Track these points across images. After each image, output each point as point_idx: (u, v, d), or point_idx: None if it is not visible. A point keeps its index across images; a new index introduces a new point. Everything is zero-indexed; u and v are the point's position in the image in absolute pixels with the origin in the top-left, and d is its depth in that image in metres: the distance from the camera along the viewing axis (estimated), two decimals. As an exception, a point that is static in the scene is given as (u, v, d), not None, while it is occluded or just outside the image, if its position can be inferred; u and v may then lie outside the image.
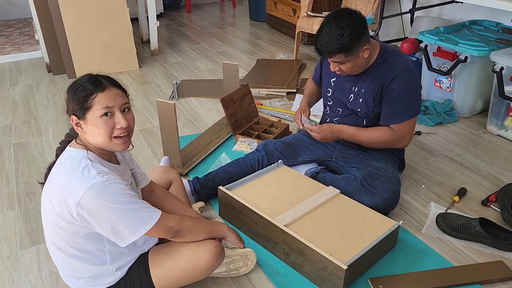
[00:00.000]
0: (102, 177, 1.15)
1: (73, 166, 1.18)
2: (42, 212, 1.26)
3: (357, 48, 1.61)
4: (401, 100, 1.70)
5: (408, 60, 1.78)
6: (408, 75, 1.70)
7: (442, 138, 2.47)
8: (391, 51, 1.75)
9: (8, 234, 1.79)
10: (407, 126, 1.75)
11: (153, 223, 1.20)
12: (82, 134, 1.22)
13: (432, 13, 3.37)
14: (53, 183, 1.20)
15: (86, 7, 3.25)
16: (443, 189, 2.01)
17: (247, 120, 2.48)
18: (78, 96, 1.18)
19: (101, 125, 1.18)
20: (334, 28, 1.58)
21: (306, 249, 1.47)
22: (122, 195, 1.16)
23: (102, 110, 1.17)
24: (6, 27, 4.86)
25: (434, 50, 2.69)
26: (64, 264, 1.28)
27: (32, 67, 3.69)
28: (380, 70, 1.72)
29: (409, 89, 1.71)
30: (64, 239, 1.22)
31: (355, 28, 1.57)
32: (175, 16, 5.44)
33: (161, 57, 3.91)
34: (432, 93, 2.84)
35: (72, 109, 1.19)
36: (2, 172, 2.22)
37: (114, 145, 1.22)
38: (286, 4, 4.30)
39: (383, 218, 1.64)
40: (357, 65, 1.68)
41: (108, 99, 1.18)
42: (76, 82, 1.21)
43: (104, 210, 1.14)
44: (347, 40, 1.57)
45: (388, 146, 1.81)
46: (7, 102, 3.02)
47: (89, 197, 1.12)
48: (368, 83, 1.75)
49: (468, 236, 1.68)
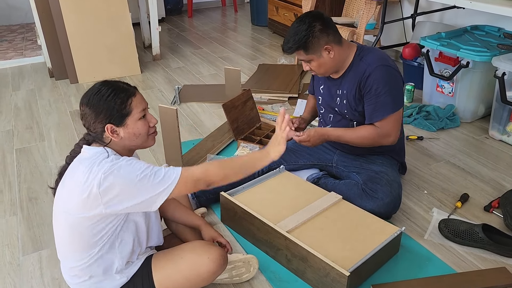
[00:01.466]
0: (122, 160, 1.19)
1: (93, 158, 1.19)
2: (55, 213, 1.25)
3: (317, 46, 1.64)
4: (379, 95, 1.69)
5: (384, 55, 1.75)
6: (383, 69, 1.69)
7: (444, 143, 2.47)
8: (367, 49, 1.76)
9: (11, 240, 1.79)
10: (390, 121, 1.71)
11: (177, 179, 1.19)
12: (118, 140, 1.23)
13: (434, 18, 3.37)
14: (73, 180, 1.20)
15: (88, 12, 3.27)
16: (446, 194, 2.01)
17: (249, 125, 2.49)
18: (113, 104, 1.20)
19: (142, 127, 1.25)
20: (295, 26, 1.65)
21: (309, 256, 1.47)
22: (137, 165, 1.18)
23: (141, 113, 1.25)
24: (8, 32, 4.88)
25: (436, 55, 2.69)
26: (71, 266, 1.28)
27: (34, 72, 3.71)
28: (356, 68, 1.74)
29: (386, 82, 1.68)
30: (79, 239, 1.22)
31: (313, 26, 1.61)
32: (176, 21, 5.46)
33: (163, 62, 3.93)
34: (434, 98, 2.84)
35: (106, 118, 1.20)
36: (4, 178, 2.22)
37: (149, 142, 1.30)
38: (288, 9, 4.32)
39: (385, 224, 1.64)
40: (324, 64, 1.70)
41: (141, 102, 1.26)
42: (97, 94, 1.21)
43: (126, 182, 1.15)
44: (303, 36, 1.61)
45: (375, 144, 1.77)
46: (9, 108, 3.03)
47: (107, 177, 1.14)
48: (348, 83, 1.77)
49: (471, 242, 1.68)
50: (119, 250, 1.28)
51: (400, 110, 1.74)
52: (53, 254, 1.69)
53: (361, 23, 3.29)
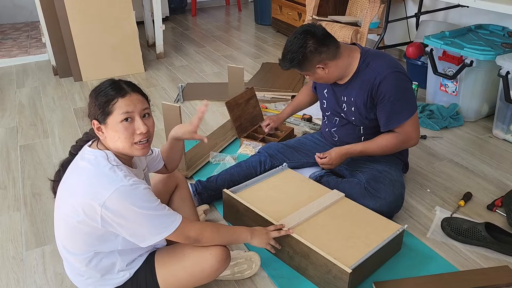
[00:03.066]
0: (129, 181, 1.16)
1: (97, 167, 1.19)
2: (56, 212, 1.26)
3: (309, 66, 1.66)
4: (394, 102, 1.68)
5: (391, 60, 1.74)
6: (394, 76, 1.67)
7: (448, 142, 2.46)
8: (372, 54, 1.74)
9: (14, 235, 1.80)
10: (410, 125, 1.73)
11: (173, 229, 1.22)
12: (103, 138, 1.23)
13: (438, 17, 3.36)
14: (74, 184, 1.20)
15: (92, 10, 3.28)
16: (449, 193, 2.00)
17: (252, 123, 2.49)
18: (100, 101, 1.19)
19: (121, 130, 1.19)
20: (287, 45, 1.66)
21: (311, 252, 1.47)
22: (147, 200, 1.18)
23: (122, 115, 1.19)
24: (13, 30, 4.91)
25: (440, 54, 2.69)
26: (73, 263, 1.28)
27: (38, 70, 3.72)
28: (364, 75, 1.71)
29: (399, 89, 1.68)
30: (78, 239, 1.22)
31: (306, 47, 1.61)
32: (180, 19, 5.47)
33: (166, 60, 3.93)
34: (437, 97, 2.83)
35: (93, 114, 1.21)
36: (9, 174, 2.23)
37: (134, 151, 1.23)
38: (292, 8, 4.32)
39: (388, 222, 1.64)
40: (321, 78, 1.72)
41: (128, 104, 1.20)
42: (98, 87, 1.23)
43: (129, 213, 1.15)
44: (295, 57, 1.63)
45: (398, 149, 1.80)
46: (14, 105, 3.05)
47: (115, 199, 1.13)
48: (356, 91, 1.74)
49: (474, 241, 1.68)
50: (119, 252, 1.28)
51: (416, 112, 1.75)
52: (56, 250, 1.69)
53: (365, 22, 3.29)
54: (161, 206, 1.22)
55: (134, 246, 1.29)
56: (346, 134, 1.89)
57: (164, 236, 1.22)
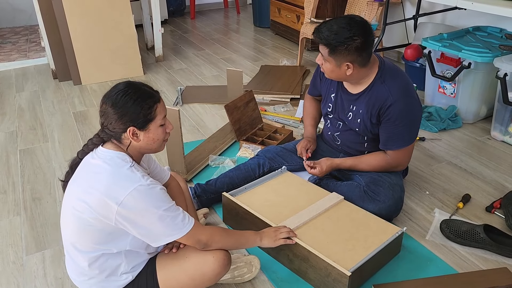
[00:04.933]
0: (147, 180, 1.20)
1: (115, 166, 1.21)
2: (65, 209, 1.26)
3: (342, 58, 1.60)
4: (398, 126, 1.69)
5: (407, 82, 1.72)
6: (407, 101, 1.67)
7: (446, 144, 2.47)
8: (390, 71, 1.71)
9: (14, 240, 1.80)
10: (403, 153, 1.76)
11: (186, 232, 1.24)
12: (136, 142, 1.25)
13: (436, 19, 3.38)
14: (89, 182, 1.21)
15: (91, 14, 3.29)
16: (447, 195, 2.01)
17: (251, 126, 2.50)
18: (140, 108, 1.21)
19: (161, 133, 1.28)
20: (340, 24, 1.56)
21: (310, 256, 1.47)
22: (162, 200, 1.21)
23: (163, 120, 1.27)
24: (12, 34, 4.91)
25: (438, 56, 2.70)
26: (79, 262, 1.28)
27: (38, 74, 3.73)
28: (377, 92, 1.69)
29: (406, 116, 1.68)
30: (88, 236, 1.23)
31: (353, 40, 1.55)
32: (179, 22, 5.48)
33: (165, 63, 3.94)
34: (436, 99, 2.84)
35: (131, 121, 1.21)
36: (8, 178, 2.24)
37: (162, 147, 1.33)
38: (290, 10, 4.33)
39: (387, 225, 1.64)
40: (336, 73, 1.67)
41: (164, 108, 1.28)
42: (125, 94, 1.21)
43: (145, 212, 1.18)
44: (338, 41, 1.55)
45: (386, 171, 1.82)
46: (13, 109, 3.05)
47: (133, 198, 1.16)
48: (365, 104, 1.74)
49: (473, 243, 1.68)
50: (125, 254, 1.29)
51: (414, 142, 1.77)
52: (56, 254, 1.70)
53: (363, 25, 3.30)
54: (175, 207, 1.24)
55: (141, 248, 1.30)
56: (349, 139, 1.89)
57: (177, 238, 1.24)
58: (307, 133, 2.04)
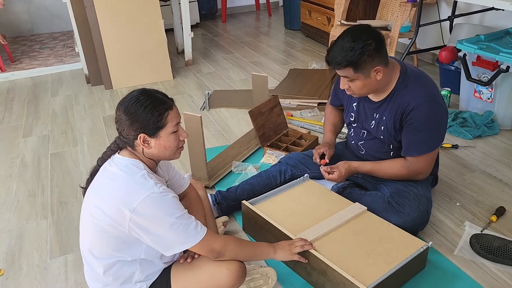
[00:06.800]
0: (159, 188, 1.20)
1: (130, 174, 1.22)
2: (83, 215, 1.28)
3: (368, 66, 1.52)
4: (420, 132, 1.60)
5: (432, 86, 1.64)
6: (430, 106, 1.58)
7: (481, 152, 2.34)
8: (413, 75, 1.63)
9: (40, 243, 1.85)
10: (424, 160, 1.67)
11: (198, 239, 1.23)
12: (147, 149, 1.26)
13: (473, 20, 3.22)
14: (104, 189, 1.23)
15: (123, 20, 3.36)
16: (480, 207, 1.90)
17: (275, 132, 2.46)
18: (150, 115, 1.21)
19: (173, 141, 1.26)
20: (348, 40, 1.51)
21: (328, 269, 1.43)
22: (175, 208, 1.21)
23: (175, 127, 1.26)
24: (51, 39, 5.10)
25: (474, 60, 2.57)
26: (95, 268, 1.30)
27: (72, 79, 3.85)
28: (400, 97, 1.62)
29: (429, 121, 1.59)
30: (104, 242, 1.24)
31: (369, 44, 1.50)
32: (210, 25, 5.52)
33: (194, 67, 3.97)
34: (471, 104, 2.71)
35: (141, 128, 1.22)
36: (38, 182, 2.31)
37: (176, 155, 1.31)
38: (321, 12, 4.26)
39: (411, 238, 1.57)
40: (368, 85, 1.58)
41: (176, 116, 1.27)
42: (137, 101, 1.22)
43: (157, 219, 1.18)
44: (357, 54, 1.49)
45: (405, 179, 1.73)
46: (47, 113, 3.15)
47: (145, 204, 1.17)
48: (388, 111, 1.67)
49: (505, 260, 1.58)
50: (139, 263, 1.29)
51: (437, 149, 1.68)
52: (78, 259, 1.73)
53: (395, 26, 3.20)
54: (188, 215, 1.24)
55: (156, 257, 1.30)
56: (374, 148, 1.82)
57: (189, 246, 1.23)
58: (325, 138, 1.97)
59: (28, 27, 5.36)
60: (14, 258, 1.77)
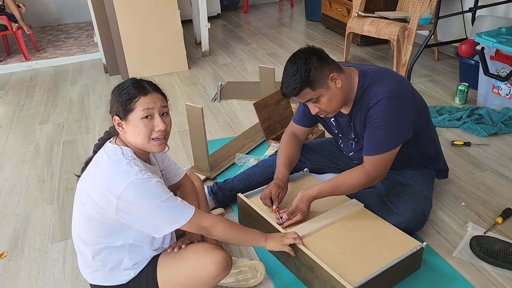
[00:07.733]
0: (144, 175, 1.22)
1: (115, 161, 1.24)
2: (75, 203, 1.32)
3: (322, 78, 1.47)
4: (377, 130, 1.51)
5: (392, 81, 1.53)
6: (387, 102, 1.48)
7: (495, 150, 2.24)
8: (371, 77, 1.54)
9: (43, 228, 1.91)
10: (380, 161, 1.52)
11: (187, 219, 1.25)
12: (123, 133, 1.28)
13: (498, 12, 3.08)
14: (93, 176, 1.26)
15: (140, 11, 3.39)
16: (486, 208, 1.83)
17: (281, 124, 2.44)
18: (122, 98, 1.24)
19: (141, 127, 1.25)
20: (290, 67, 1.48)
21: (315, 266, 1.40)
22: (159, 192, 1.22)
23: (143, 112, 1.24)
24: (76, 29, 5.22)
25: (492, 54, 2.46)
26: (85, 254, 1.33)
27: (92, 68, 3.93)
28: (362, 101, 1.55)
29: (387, 117, 1.49)
30: (93, 229, 1.27)
31: (310, 60, 1.46)
32: (232, 16, 5.50)
33: (211, 58, 3.98)
34: (489, 100, 2.60)
35: (115, 110, 1.26)
36: (49, 168, 2.38)
37: (151, 146, 1.29)
38: (341, 3, 4.17)
39: (406, 238, 1.52)
40: (334, 97, 1.50)
41: (149, 102, 1.26)
42: (121, 85, 1.29)
43: (143, 204, 1.20)
44: (304, 72, 1.44)
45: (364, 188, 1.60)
46: (65, 101, 3.24)
47: (130, 191, 1.19)
48: (359, 117, 1.59)
49: (506, 264, 1.51)
50: (128, 249, 1.32)
51: (397, 148, 1.53)
52: (77, 244, 1.78)
53: (414, 18, 3.09)
54: (173, 197, 1.25)
55: (145, 241, 1.32)
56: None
57: (178, 226, 1.25)
58: (277, 174, 1.72)
59: (55, 17, 5.51)
60: (17, 241, 1.83)
